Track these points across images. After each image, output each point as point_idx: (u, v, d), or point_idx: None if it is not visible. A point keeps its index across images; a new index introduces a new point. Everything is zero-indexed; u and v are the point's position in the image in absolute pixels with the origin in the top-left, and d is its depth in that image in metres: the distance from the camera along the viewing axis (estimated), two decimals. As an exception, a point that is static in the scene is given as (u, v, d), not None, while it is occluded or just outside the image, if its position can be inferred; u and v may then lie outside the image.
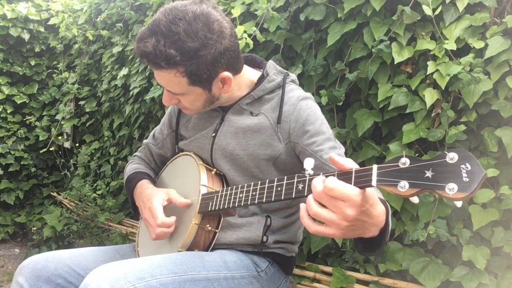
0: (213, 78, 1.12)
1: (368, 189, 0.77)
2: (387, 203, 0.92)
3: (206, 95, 1.16)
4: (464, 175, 0.66)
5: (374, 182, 0.74)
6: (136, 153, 1.52)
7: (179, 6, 1.06)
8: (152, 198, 1.22)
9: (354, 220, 0.77)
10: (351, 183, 0.77)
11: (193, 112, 1.24)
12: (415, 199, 0.73)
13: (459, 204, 0.69)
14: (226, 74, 1.13)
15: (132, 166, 1.44)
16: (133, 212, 1.39)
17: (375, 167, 0.76)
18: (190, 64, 1.05)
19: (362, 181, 0.76)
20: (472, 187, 0.65)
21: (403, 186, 0.71)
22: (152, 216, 1.19)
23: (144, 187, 1.29)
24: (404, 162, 0.72)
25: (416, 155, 1.72)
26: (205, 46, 1.05)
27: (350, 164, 0.81)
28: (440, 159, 0.69)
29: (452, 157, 0.68)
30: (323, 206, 0.78)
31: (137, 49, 1.07)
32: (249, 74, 1.26)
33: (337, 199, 0.76)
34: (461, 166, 0.67)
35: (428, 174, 0.69)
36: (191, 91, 1.13)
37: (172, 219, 1.19)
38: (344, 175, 0.79)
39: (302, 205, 0.81)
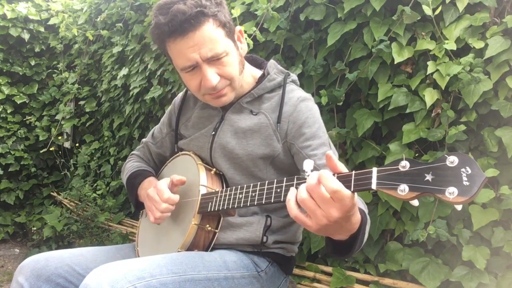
0: (234, 29, 1.17)
1: (355, 196, 0.78)
2: (367, 215, 0.93)
3: (237, 53, 1.17)
4: (465, 179, 0.66)
5: (374, 185, 0.75)
6: (134, 152, 1.52)
7: None
8: (158, 182, 1.24)
9: (335, 222, 0.78)
10: (350, 185, 0.78)
11: (233, 88, 1.18)
12: (415, 202, 0.73)
13: (459, 207, 0.69)
14: (239, 27, 1.19)
15: (133, 164, 1.44)
16: (134, 209, 1.39)
17: (375, 170, 0.76)
18: (218, 11, 1.09)
19: (362, 184, 0.76)
20: (473, 191, 0.65)
21: (403, 189, 0.71)
22: (158, 192, 1.19)
23: (154, 183, 1.29)
24: (404, 165, 0.72)
25: (416, 155, 1.72)
26: None
27: (343, 169, 0.82)
28: (440, 163, 0.69)
29: (452, 160, 0.68)
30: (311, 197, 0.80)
31: (168, 22, 1.05)
32: (252, 71, 1.27)
33: (329, 197, 0.77)
34: (461, 169, 0.67)
35: (428, 177, 0.69)
36: (229, 46, 1.13)
37: (177, 196, 1.19)
38: (344, 177, 0.79)
39: (292, 188, 0.84)
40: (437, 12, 1.63)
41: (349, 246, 0.88)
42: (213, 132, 1.25)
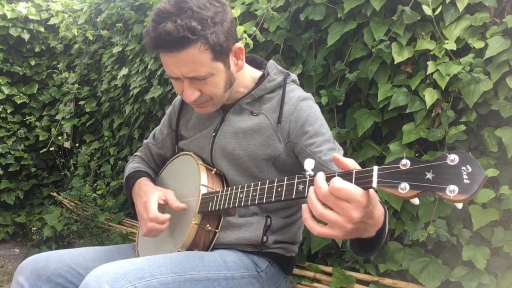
0: (230, 49, 1.12)
1: (370, 190, 0.76)
2: (384, 205, 0.92)
3: (226, 73, 1.14)
4: (465, 177, 0.66)
5: (374, 184, 0.74)
6: (136, 153, 1.52)
7: None
8: (148, 193, 1.23)
9: (359, 222, 0.76)
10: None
11: (214, 103, 1.19)
12: (415, 201, 0.73)
13: (459, 206, 0.69)
14: (239, 45, 1.15)
15: (132, 165, 1.44)
16: (133, 211, 1.39)
17: (375, 168, 0.75)
18: (211, 33, 1.05)
19: (363, 182, 0.76)
20: (473, 189, 0.65)
21: (404, 187, 0.71)
22: (145, 210, 1.19)
23: (143, 184, 1.29)
24: (405, 163, 0.72)
25: (416, 155, 1.72)
26: (217, 13, 1.07)
27: (353, 165, 0.81)
28: (440, 161, 0.69)
29: (453, 158, 0.68)
30: (327, 207, 0.77)
31: (154, 38, 1.05)
32: (251, 72, 1.27)
33: (343, 200, 0.75)
34: (462, 168, 0.67)
35: (429, 175, 0.69)
36: (215, 69, 1.11)
37: (167, 216, 1.18)
38: (345, 176, 0.79)
39: (304, 206, 0.81)
40: (437, 12, 1.63)
41: (375, 241, 0.86)
42: (214, 134, 1.25)
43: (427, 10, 1.63)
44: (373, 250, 0.89)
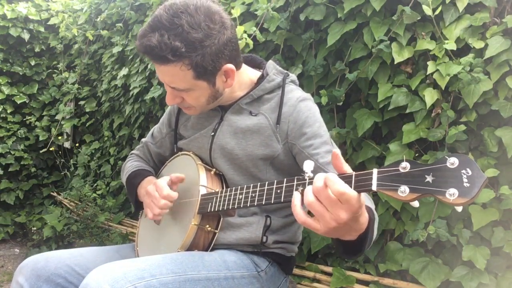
0: (217, 70, 1.11)
1: (361, 195, 0.77)
2: (374, 212, 0.92)
3: (210, 90, 1.15)
4: (465, 180, 0.66)
5: (374, 187, 0.74)
6: (133, 151, 1.52)
7: (178, 1, 1.06)
8: (157, 179, 1.24)
9: (344, 223, 0.77)
10: (351, 187, 0.77)
11: (197, 110, 1.22)
12: (415, 204, 0.73)
13: (459, 209, 0.69)
14: (230, 66, 1.13)
15: (133, 164, 1.44)
16: (134, 209, 1.39)
17: (375, 171, 0.75)
18: (195, 55, 1.05)
19: (363, 185, 0.76)
20: (473, 193, 0.65)
21: (403, 190, 0.71)
22: (157, 189, 1.20)
23: (153, 181, 1.29)
24: (405, 166, 0.72)
25: (416, 155, 1.72)
26: (209, 36, 1.05)
27: (349, 169, 0.81)
28: (440, 164, 0.69)
29: (452, 162, 0.68)
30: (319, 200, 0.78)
31: (140, 46, 1.06)
32: (250, 73, 1.26)
33: (336, 199, 0.76)
34: (462, 171, 0.67)
35: (429, 179, 0.69)
36: (196, 86, 1.12)
37: (176, 195, 1.19)
38: (345, 179, 0.79)
39: (295, 193, 0.82)
40: (437, 12, 1.63)
41: (359, 245, 0.87)
42: (213, 133, 1.25)
43: (427, 10, 1.63)
44: (355, 254, 0.90)
